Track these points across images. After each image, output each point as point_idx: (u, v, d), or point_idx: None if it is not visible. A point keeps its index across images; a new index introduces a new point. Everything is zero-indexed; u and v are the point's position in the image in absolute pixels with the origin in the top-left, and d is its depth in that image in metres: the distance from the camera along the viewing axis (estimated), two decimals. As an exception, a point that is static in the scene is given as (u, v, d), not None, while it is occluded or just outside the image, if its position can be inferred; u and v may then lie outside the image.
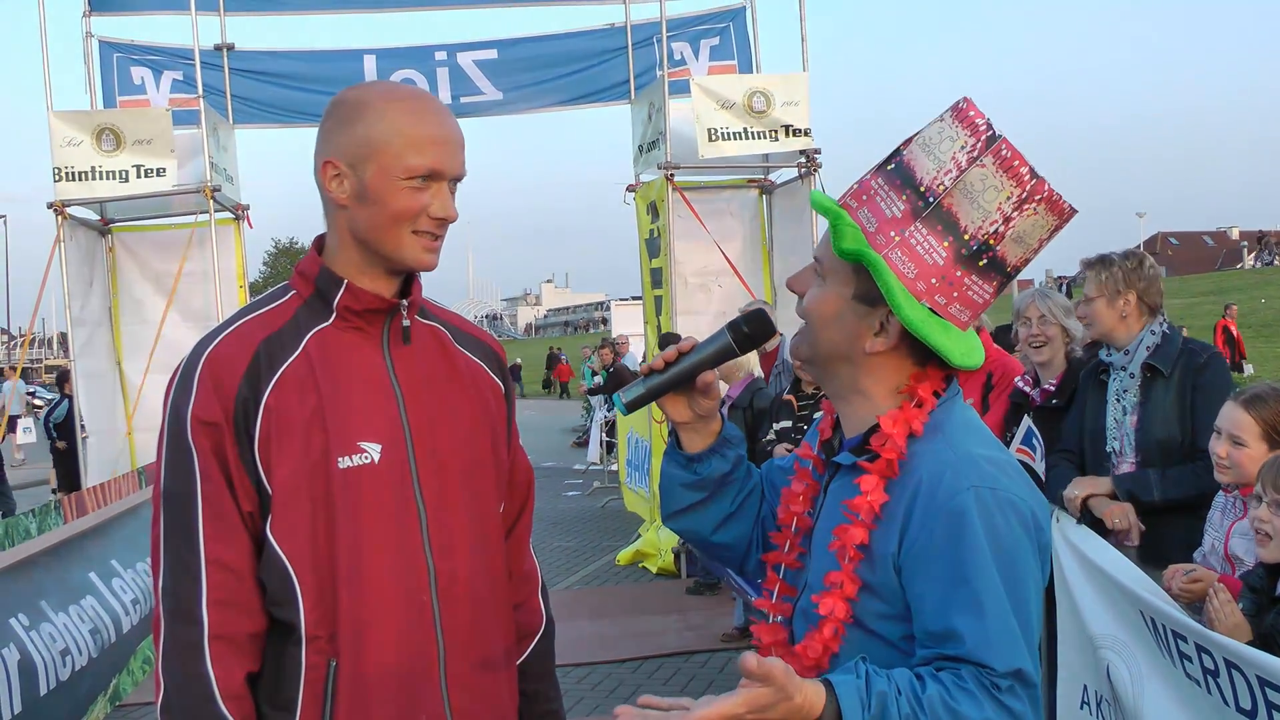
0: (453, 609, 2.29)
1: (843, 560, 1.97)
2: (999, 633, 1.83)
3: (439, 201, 2.25)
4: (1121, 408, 4.89)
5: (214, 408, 2.17)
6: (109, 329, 11.78)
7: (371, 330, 2.32)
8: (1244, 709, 3.26)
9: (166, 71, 12.36)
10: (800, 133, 11.05)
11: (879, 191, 2.03)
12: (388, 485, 2.24)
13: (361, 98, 2.27)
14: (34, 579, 6.87)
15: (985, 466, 1.94)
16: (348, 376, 2.26)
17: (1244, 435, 4.00)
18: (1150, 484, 4.66)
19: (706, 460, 2.29)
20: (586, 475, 19.38)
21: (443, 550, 2.29)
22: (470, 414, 2.41)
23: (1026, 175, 1.95)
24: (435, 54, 12.83)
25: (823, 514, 2.12)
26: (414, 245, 2.26)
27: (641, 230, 12.35)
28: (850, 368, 2.08)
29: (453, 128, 2.28)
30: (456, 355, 2.45)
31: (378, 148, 2.20)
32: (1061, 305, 5.77)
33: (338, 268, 2.30)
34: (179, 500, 2.18)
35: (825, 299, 2.08)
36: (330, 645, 2.19)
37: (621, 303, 36.73)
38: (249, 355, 2.21)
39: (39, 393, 53.30)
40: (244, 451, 2.18)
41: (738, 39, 13.05)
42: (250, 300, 2.40)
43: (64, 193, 10.57)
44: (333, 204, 2.28)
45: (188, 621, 2.15)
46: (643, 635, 9.06)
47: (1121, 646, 4.05)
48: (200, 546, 2.16)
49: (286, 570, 2.18)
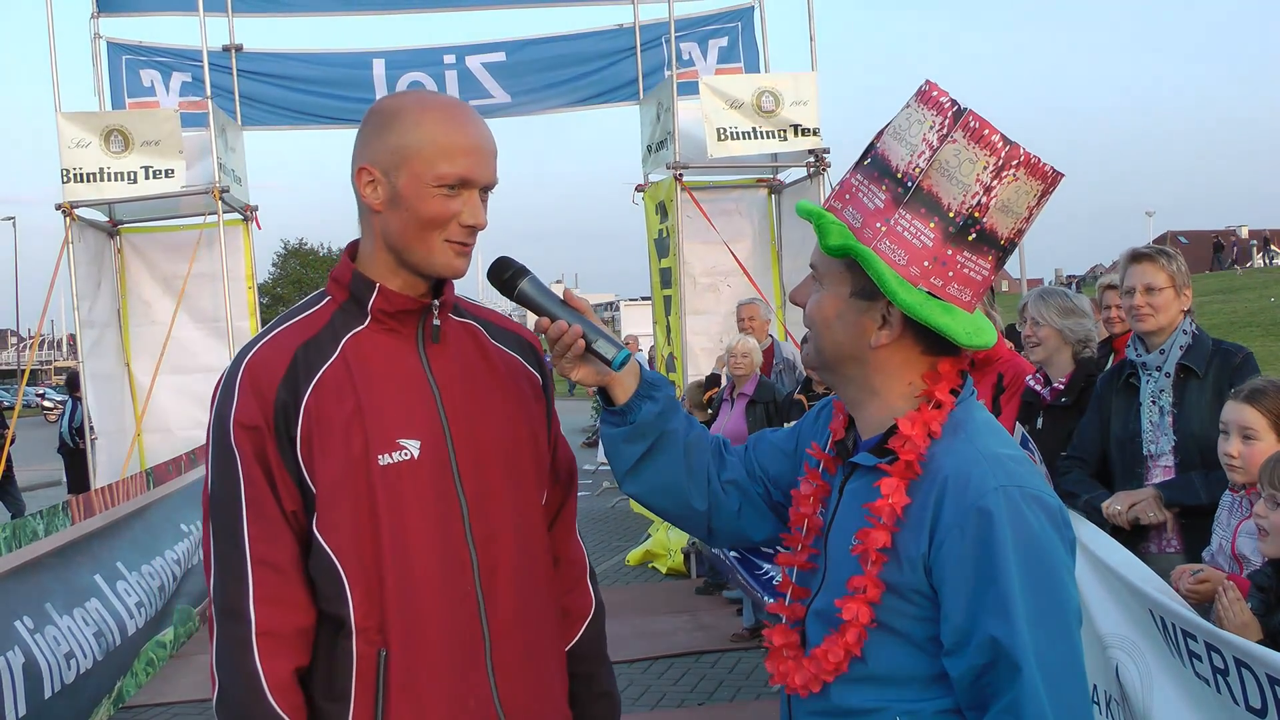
0: (496, 598, 2.35)
1: (865, 564, 1.97)
2: (1028, 633, 1.84)
3: (469, 209, 2.29)
4: (1158, 409, 4.79)
5: (255, 413, 2.24)
6: (117, 330, 11.81)
7: (406, 331, 2.38)
8: (1254, 708, 3.25)
9: (175, 73, 12.39)
10: (809, 132, 11.05)
11: (859, 188, 2.04)
12: (428, 480, 2.30)
13: (397, 106, 2.33)
14: (40, 581, 6.88)
15: (1010, 465, 1.95)
16: (384, 377, 2.32)
17: (1255, 429, 4.02)
18: (1196, 488, 4.54)
19: (636, 407, 2.32)
20: (596, 475, 19.40)
21: (484, 541, 2.34)
22: (508, 407, 2.46)
23: (999, 142, 1.95)
24: (444, 57, 12.84)
25: (839, 515, 2.11)
26: (445, 252, 2.31)
27: (650, 230, 12.35)
28: (860, 367, 2.08)
29: (485, 137, 2.32)
30: (492, 350, 2.50)
31: (410, 155, 2.25)
32: (1059, 306, 5.71)
33: (370, 272, 2.35)
34: (224, 503, 2.26)
35: (824, 302, 2.10)
36: (380, 636, 2.25)
37: (631, 303, 36.79)
38: (287, 361, 2.28)
39: (48, 394, 53.42)
40: (286, 454, 2.24)
41: (745, 39, 13.06)
42: (287, 309, 2.47)
43: (72, 194, 10.60)
44: (367, 209, 2.33)
45: (236, 619, 2.22)
46: (653, 635, 9.05)
47: (1131, 646, 4.04)
48: (246, 546, 2.23)
49: (334, 565, 2.24)
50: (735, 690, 7.70)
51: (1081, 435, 5.13)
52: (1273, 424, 4.00)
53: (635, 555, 11.94)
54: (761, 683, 7.71)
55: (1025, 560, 1.86)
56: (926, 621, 1.94)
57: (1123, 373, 5.00)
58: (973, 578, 1.87)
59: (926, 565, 1.92)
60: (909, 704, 1.97)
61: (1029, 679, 1.82)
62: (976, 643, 1.86)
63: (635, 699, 7.64)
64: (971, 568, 1.87)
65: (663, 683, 7.93)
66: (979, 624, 1.85)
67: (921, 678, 1.97)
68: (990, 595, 1.85)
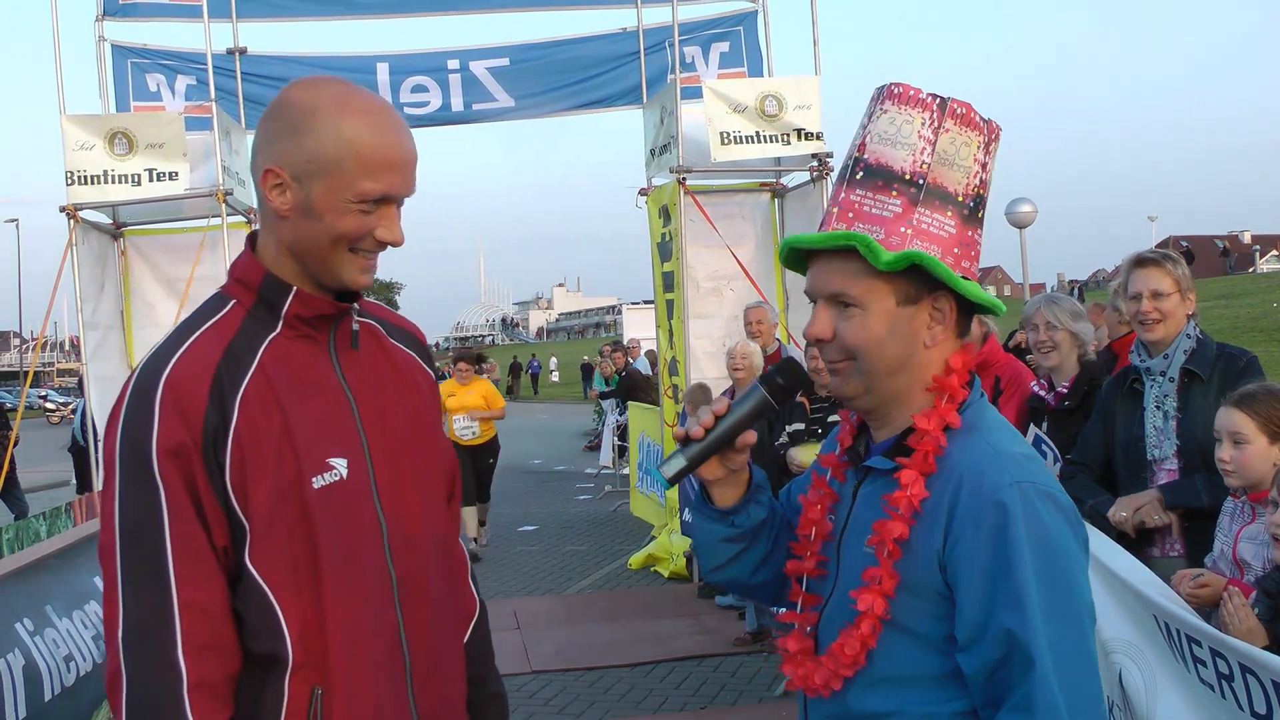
0: (414, 613, 2.23)
1: (881, 555, 1.98)
2: (1042, 627, 1.84)
3: (386, 225, 2.14)
4: (1162, 414, 4.77)
5: (181, 436, 2.01)
6: (121, 333, 11.80)
7: (320, 337, 2.22)
8: (1259, 713, 3.25)
9: (180, 76, 12.38)
10: (812, 136, 11.04)
11: (863, 201, 2.03)
12: (354, 499, 2.16)
13: (310, 102, 2.11)
14: (41, 583, 6.88)
15: (1024, 462, 1.97)
16: (305, 389, 2.16)
17: (1244, 432, 4.05)
18: (1198, 490, 4.54)
19: (744, 511, 2.24)
20: (598, 479, 19.43)
21: (401, 555, 2.21)
22: (414, 411, 2.34)
23: (979, 120, 2.05)
24: (448, 61, 12.82)
25: (853, 520, 2.11)
26: (351, 265, 2.15)
27: (653, 234, 12.34)
28: (908, 375, 2.08)
29: (409, 148, 2.16)
30: (394, 351, 2.38)
31: (327, 166, 2.07)
32: (1069, 310, 5.73)
33: (280, 273, 2.18)
34: (144, 539, 2.00)
35: (869, 323, 2.04)
36: (317, 673, 2.09)
37: (633, 306, 36.73)
38: (209, 376, 2.07)
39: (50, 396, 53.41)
40: (215, 482, 2.03)
41: (749, 43, 13.04)
42: (187, 316, 2.22)
43: (76, 196, 10.59)
44: (271, 213, 2.16)
45: (162, 671, 1.98)
46: (655, 639, 9.05)
47: (1134, 651, 4.04)
48: (172, 588, 1.99)
49: (269, 601, 2.06)
50: (737, 694, 7.70)
51: (1085, 440, 5.11)
52: (1262, 426, 4.03)
53: (638, 559, 11.95)
54: (764, 687, 7.71)
55: (1039, 555, 1.87)
56: (941, 620, 1.94)
57: (1127, 378, 4.98)
58: (988, 571, 1.88)
59: (941, 561, 1.93)
60: (925, 706, 1.97)
61: (1042, 673, 1.83)
62: (991, 636, 1.86)
63: (638, 703, 7.64)
64: (986, 562, 1.88)
65: (665, 686, 7.93)
66: (993, 617, 1.86)
67: (937, 677, 1.97)
68: (1005, 589, 1.86)
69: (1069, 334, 5.63)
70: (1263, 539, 3.88)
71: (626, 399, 17.21)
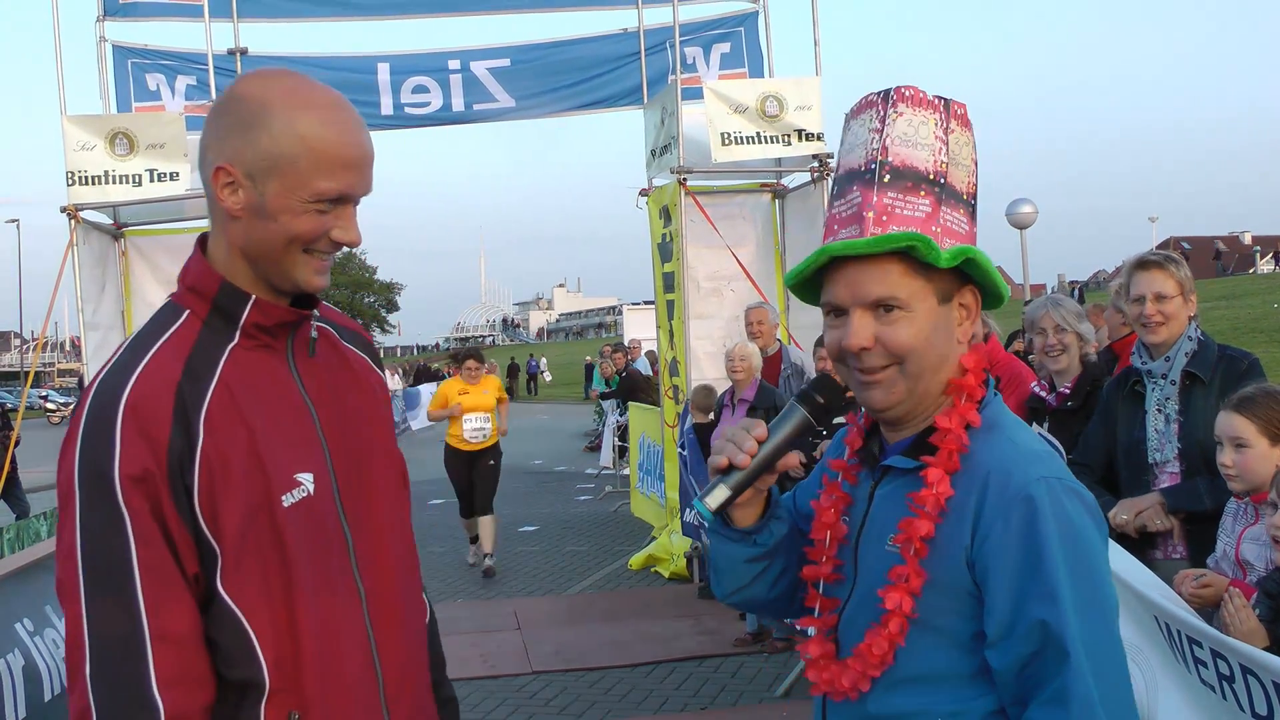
0: (383, 627, 2.18)
1: (908, 554, 1.97)
2: (1075, 620, 1.84)
3: (342, 225, 2.08)
4: (1164, 417, 4.76)
5: (146, 461, 1.91)
6: (122, 333, 11.78)
7: (278, 345, 2.14)
8: (1260, 714, 3.25)
9: (181, 77, 12.38)
10: (813, 137, 11.04)
11: (895, 204, 2.02)
12: (321, 514, 2.09)
13: (263, 97, 2.03)
14: (41, 583, 6.88)
15: (1047, 459, 1.98)
16: (266, 401, 2.07)
17: (1245, 436, 4.05)
18: (1200, 494, 4.53)
19: (765, 529, 2.21)
20: (599, 480, 19.42)
21: (368, 568, 2.16)
22: (371, 416, 2.28)
23: (967, 116, 2.10)
24: (449, 61, 12.83)
25: (870, 521, 2.11)
26: (306, 266, 2.08)
27: (654, 234, 12.34)
28: (943, 372, 2.08)
29: (366, 145, 2.09)
30: (347, 353, 2.32)
31: (282, 165, 1.99)
32: (1074, 311, 5.75)
33: (234, 280, 2.09)
34: (110, 569, 1.90)
35: (919, 322, 2.03)
36: (293, 697, 2.02)
37: (634, 307, 36.74)
38: (171, 395, 1.97)
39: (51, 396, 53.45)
40: (182, 507, 1.94)
41: (749, 43, 13.05)
42: (138, 329, 2.12)
43: (77, 197, 10.59)
44: (223, 213, 2.06)
45: (138, 708, 1.88)
46: (655, 640, 9.05)
47: (1135, 652, 4.04)
48: (143, 620, 1.89)
49: (242, 626, 1.99)
50: (738, 695, 7.69)
51: (1087, 442, 5.10)
52: (1263, 429, 4.02)
53: (638, 559, 11.94)
54: (764, 687, 7.71)
55: (1069, 548, 1.87)
56: (967, 618, 1.94)
57: (1128, 380, 4.97)
58: (1019, 565, 1.88)
59: (969, 559, 1.93)
60: (951, 705, 1.96)
61: (1077, 665, 1.82)
62: (1023, 630, 1.86)
63: (638, 703, 7.64)
64: (1017, 555, 1.88)
65: (665, 687, 7.93)
66: (1026, 610, 1.86)
67: (963, 676, 1.96)
68: (1037, 582, 1.86)
69: (1076, 335, 5.64)
70: (1265, 540, 3.88)
71: (627, 399, 17.22)
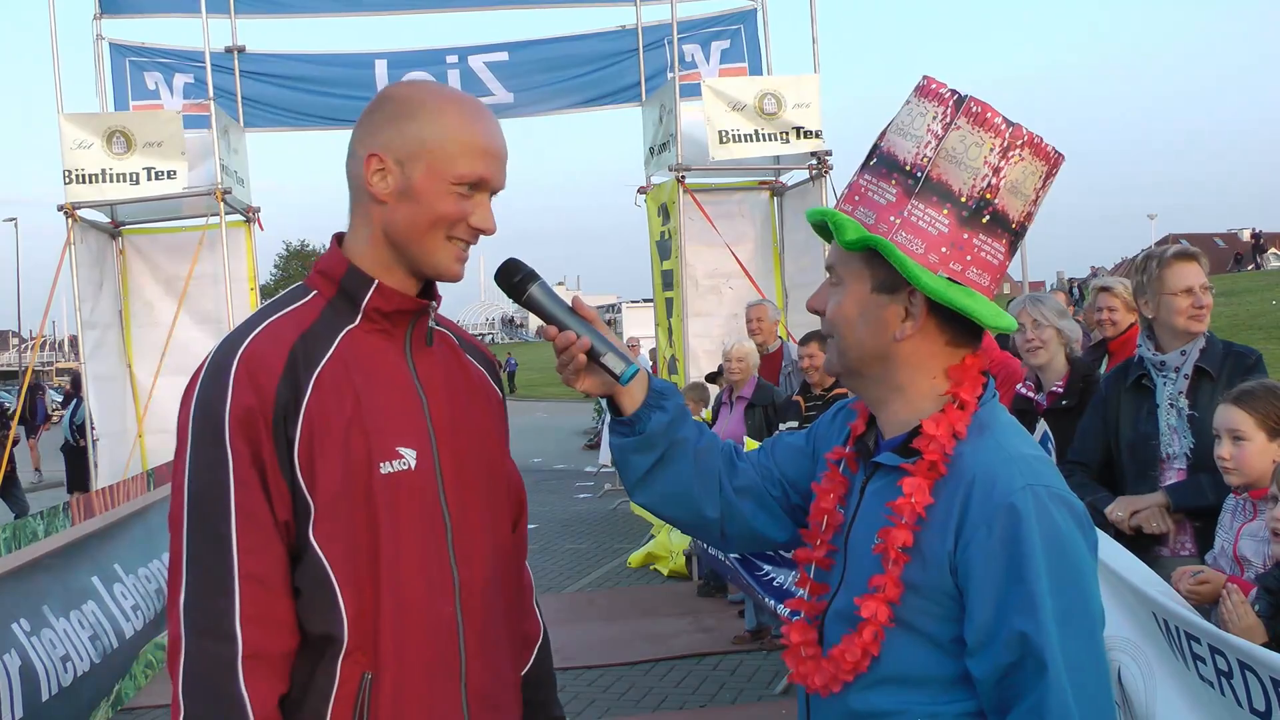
0: (472, 619, 2.23)
1: (886, 563, 1.96)
2: (1055, 632, 1.83)
3: (480, 212, 2.21)
4: (1176, 411, 4.71)
5: (253, 408, 2.05)
6: (119, 332, 11.80)
7: (396, 332, 2.25)
8: (1258, 710, 3.24)
9: (178, 74, 12.38)
10: (811, 134, 11.05)
11: (868, 187, 2.05)
12: (420, 492, 2.18)
13: (416, 95, 2.22)
14: (38, 583, 6.88)
15: (1036, 465, 1.95)
16: (378, 379, 2.19)
17: (1242, 429, 4.05)
18: (1204, 489, 4.49)
19: (645, 417, 2.27)
20: (598, 477, 19.42)
21: (465, 559, 2.23)
22: (484, 421, 2.38)
23: (1002, 124, 1.99)
24: (446, 57, 12.84)
25: (860, 514, 2.10)
26: (447, 252, 2.21)
27: (652, 232, 12.34)
28: (885, 364, 2.07)
29: (503, 140, 2.24)
30: (467, 362, 2.42)
31: (431, 148, 2.16)
32: (1054, 308, 5.74)
33: (365, 267, 2.22)
34: (209, 507, 2.04)
35: (846, 301, 2.08)
36: (368, 657, 2.10)
37: (633, 305, 36.77)
38: (285, 354, 2.11)
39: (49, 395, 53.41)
40: (282, 457, 2.06)
41: (748, 41, 13.05)
42: (266, 302, 2.28)
43: (74, 195, 10.59)
44: (371, 199, 2.20)
45: (220, 639, 2.00)
46: (654, 637, 9.05)
47: (1133, 648, 4.03)
48: (234, 558, 2.02)
49: (329, 578, 2.08)
50: (737, 693, 7.69)
51: (1083, 438, 5.07)
52: (1260, 423, 4.03)
53: (637, 557, 11.94)
54: (763, 685, 7.71)
55: (1052, 559, 1.86)
56: (950, 621, 1.93)
57: (1130, 374, 4.93)
58: (1001, 575, 1.86)
59: (952, 564, 1.91)
60: (931, 706, 1.96)
61: (1055, 678, 1.81)
62: (1003, 640, 1.85)
63: (637, 701, 7.63)
64: (999, 565, 1.86)
65: (664, 685, 7.93)
66: (1006, 621, 1.85)
67: (943, 679, 1.95)
68: (1018, 592, 1.84)
69: (1055, 331, 5.63)
70: (1263, 536, 3.88)
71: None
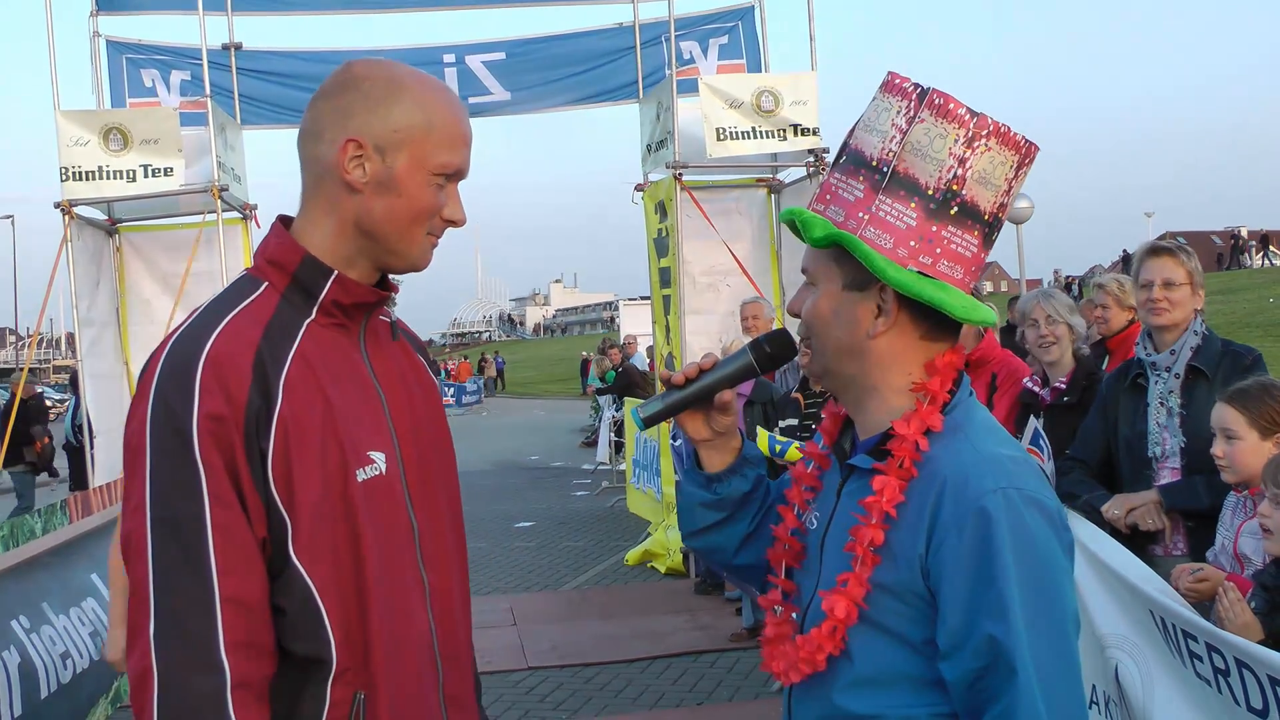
0: (443, 623, 2.18)
1: (855, 562, 1.96)
2: (1026, 636, 1.81)
3: (452, 204, 2.14)
4: (1166, 410, 4.72)
5: (224, 417, 1.89)
6: (116, 329, 11.78)
7: (352, 327, 2.14)
8: (1255, 708, 3.25)
9: (175, 71, 12.36)
10: (808, 132, 11.03)
11: (838, 186, 2.05)
12: (391, 497, 2.09)
13: (393, 77, 2.10)
14: (37, 580, 6.87)
15: (1010, 466, 1.93)
16: (341, 378, 2.07)
17: (1235, 428, 4.07)
18: (1199, 491, 4.50)
19: (727, 480, 2.25)
20: (595, 475, 19.43)
21: (432, 563, 2.16)
22: (433, 413, 2.29)
23: (965, 114, 1.97)
24: (443, 55, 12.82)
25: (836, 517, 2.09)
26: (425, 246, 2.14)
27: (650, 230, 12.33)
28: (860, 362, 2.06)
29: (470, 126, 2.18)
30: (413, 355, 2.34)
31: (415, 137, 2.06)
32: (1065, 304, 5.78)
33: (324, 257, 2.09)
34: (184, 527, 1.87)
35: (819, 301, 2.08)
36: (359, 677, 1.99)
37: (630, 302, 36.73)
38: (251, 355, 1.95)
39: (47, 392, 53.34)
40: (255, 470, 1.92)
41: (746, 38, 13.03)
42: (211, 297, 2.11)
43: (71, 192, 10.56)
44: (344, 187, 2.07)
45: (204, 669, 1.85)
46: (651, 635, 9.05)
47: (1131, 646, 4.04)
48: (214, 581, 1.86)
49: (313, 597, 1.96)
50: (734, 690, 7.70)
51: (1084, 435, 5.08)
52: (1252, 422, 4.05)
53: (634, 555, 11.94)
54: (760, 682, 7.71)
55: (1023, 562, 1.84)
56: (922, 623, 1.92)
57: (1129, 373, 4.94)
58: (971, 578, 1.85)
59: (924, 566, 1.90)
60: (906, 710, 1.94)
61: (1025, 682, 1.80)
62: (974, 645, 1.84)
63: (634, 699, 7.63)
64: (969, 568, 1.85)
65: (661, 682, 7.93)
66: (977, 625, 1.83)
67: (918, 681, 1.94)
68: (988, 597, 1.83)
69: (1068, 327, 5.65)
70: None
71: (624, 395, 17.21)
